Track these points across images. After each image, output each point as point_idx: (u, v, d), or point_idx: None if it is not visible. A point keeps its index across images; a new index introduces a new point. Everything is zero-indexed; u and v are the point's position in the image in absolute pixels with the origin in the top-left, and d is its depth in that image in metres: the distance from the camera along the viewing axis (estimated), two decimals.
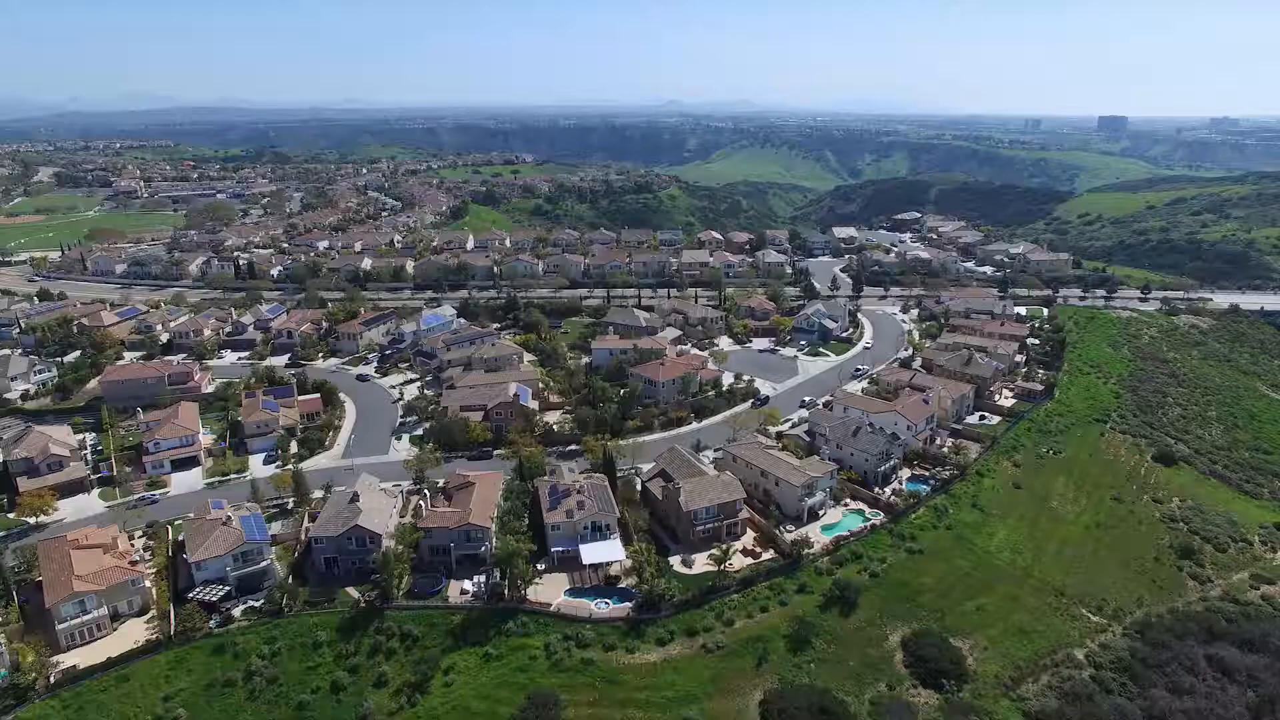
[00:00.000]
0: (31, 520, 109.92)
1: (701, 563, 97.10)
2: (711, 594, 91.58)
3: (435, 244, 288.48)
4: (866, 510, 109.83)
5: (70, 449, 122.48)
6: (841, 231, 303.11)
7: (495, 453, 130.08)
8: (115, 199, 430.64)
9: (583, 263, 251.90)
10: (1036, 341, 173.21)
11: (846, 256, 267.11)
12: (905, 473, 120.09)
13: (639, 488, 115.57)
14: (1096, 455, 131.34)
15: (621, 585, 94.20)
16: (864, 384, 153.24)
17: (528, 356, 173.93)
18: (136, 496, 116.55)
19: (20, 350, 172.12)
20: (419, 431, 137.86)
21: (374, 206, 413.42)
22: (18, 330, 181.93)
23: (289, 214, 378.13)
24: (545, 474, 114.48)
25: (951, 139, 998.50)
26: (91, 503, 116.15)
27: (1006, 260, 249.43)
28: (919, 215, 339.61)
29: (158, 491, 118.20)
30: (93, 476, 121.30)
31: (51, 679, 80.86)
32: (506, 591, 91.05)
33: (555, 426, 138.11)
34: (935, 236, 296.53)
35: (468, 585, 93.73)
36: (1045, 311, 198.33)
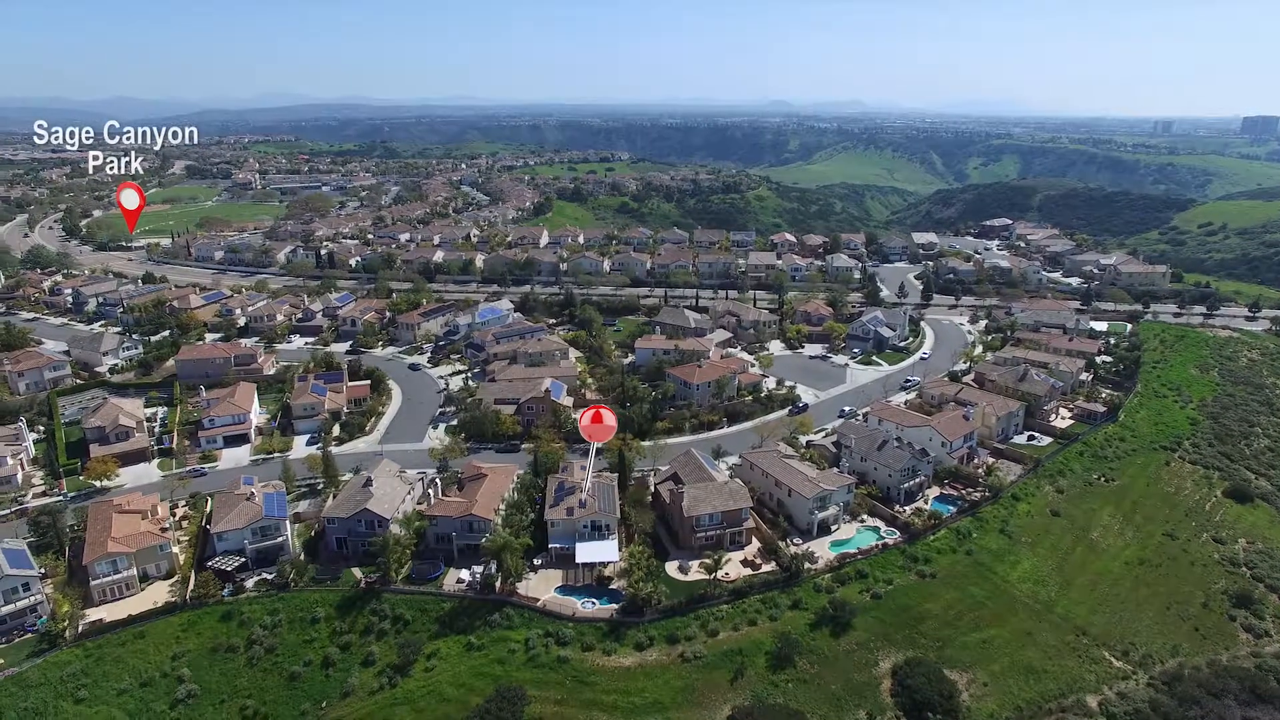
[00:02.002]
0: (97, 484, 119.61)
1: (698, 570, 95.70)
2: (700, 602, 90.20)
3: (509, 239, 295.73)
4: (883, 528, 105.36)
5: (137, 421, 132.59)
6: (921, 237, 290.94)
7: (523, 446, 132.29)
8: (232, 190, 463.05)
9: (648, 261, 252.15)
10: (1109, 359, 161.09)
11: (923, 263, 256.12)
12: (934, 491, 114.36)
13: (652, 490, 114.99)
14: (1155, 486, 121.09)
15: (613, 586, 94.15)
16: (910, 396, 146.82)
17: (574, 353, 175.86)
18: (188, 469, 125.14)
19: (120, 328, 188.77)
20: (454, 422, 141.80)
21: (463, 201, 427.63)
22: (121, 310, 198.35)
23: (381, 207, 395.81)
24: (560, 470, 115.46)
25: (1068, 142, 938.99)
26: (150, 471, 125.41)
27: (1095, 271, 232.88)
28: (1009, 222, 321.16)
29: (207, 465, 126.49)
30: (154, 447, 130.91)
31: (79, 629, 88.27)
32: (498, 584, 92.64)
33: None
34: (1023, 244, 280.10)
35: (464, 575, 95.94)
36: (1128, 327, 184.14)
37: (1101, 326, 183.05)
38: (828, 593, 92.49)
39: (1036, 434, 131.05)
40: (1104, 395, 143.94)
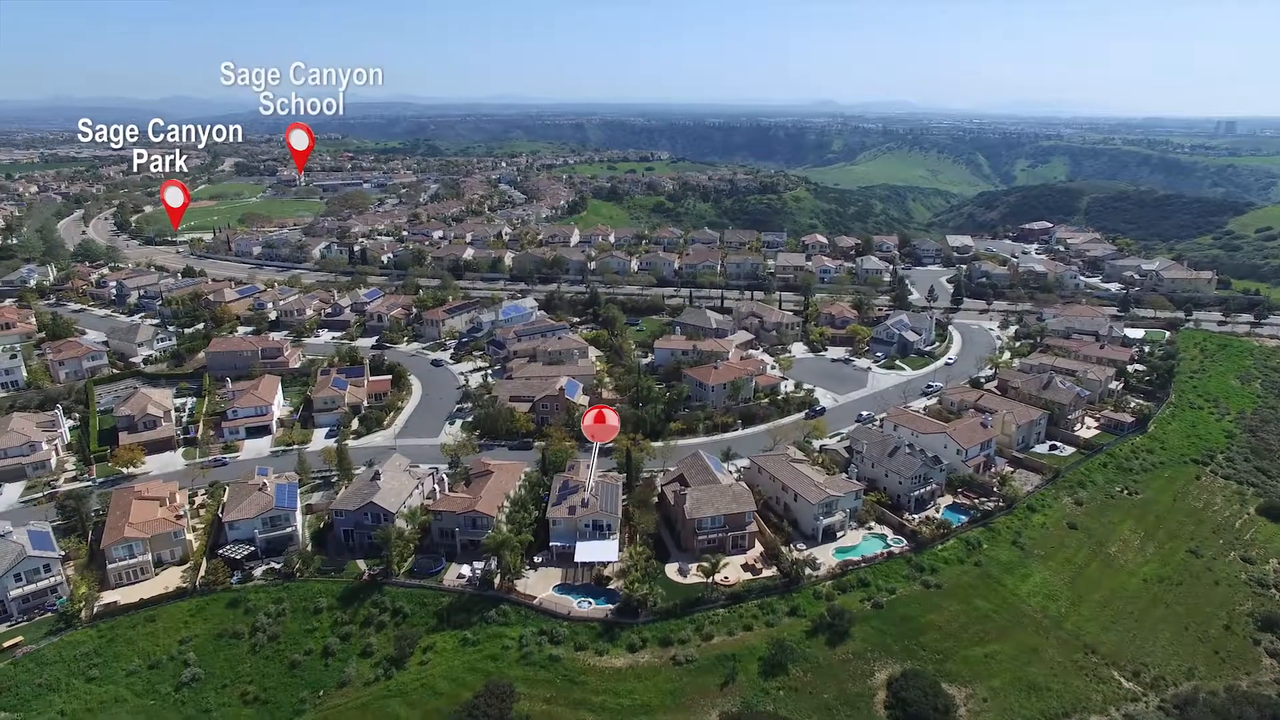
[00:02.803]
0: (124, 471, 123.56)
1: (696, 572, 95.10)
2: (696, 605, 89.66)
3: (540, 237, 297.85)
4: (890, 536, 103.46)
5: (165, 410, 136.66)
6: (955, 240, 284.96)
7: (536, 444, 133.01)
8: (276, 187, 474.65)
9: (676, 261, 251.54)
10: (1142, 368, 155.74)
11: (957, 266, 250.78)
12: (947, 500, 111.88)
13: (659, 491, 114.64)
14: (1182, 501, 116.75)
15: (611, 586, 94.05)
16: (930, 402, 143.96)
17: (594, 352, 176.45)
18: (210, 459, 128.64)
19: (157, 320, 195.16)
20: (470, 418, 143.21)
21: (499, 199, 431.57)
22: (160, 302, 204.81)
23: (418, 204, 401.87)
24: (567, 469, 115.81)
25: (1121, 144, 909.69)
26: (175, 460, 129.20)
27: (1136, 277, 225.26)
28: (1049, 225, 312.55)
29: (228, 455, 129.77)
30: (180, 436, 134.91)
31: (95, 610, 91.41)
32: (496, 580, 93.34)
33: None
34: (1063, 249, 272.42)
35: (465, 570, 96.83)
36: (1166, 335, 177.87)
37: (1138, 334, 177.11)
38: (828, 600, 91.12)
39: (1059, 444, 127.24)
40: (1133, 405, 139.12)
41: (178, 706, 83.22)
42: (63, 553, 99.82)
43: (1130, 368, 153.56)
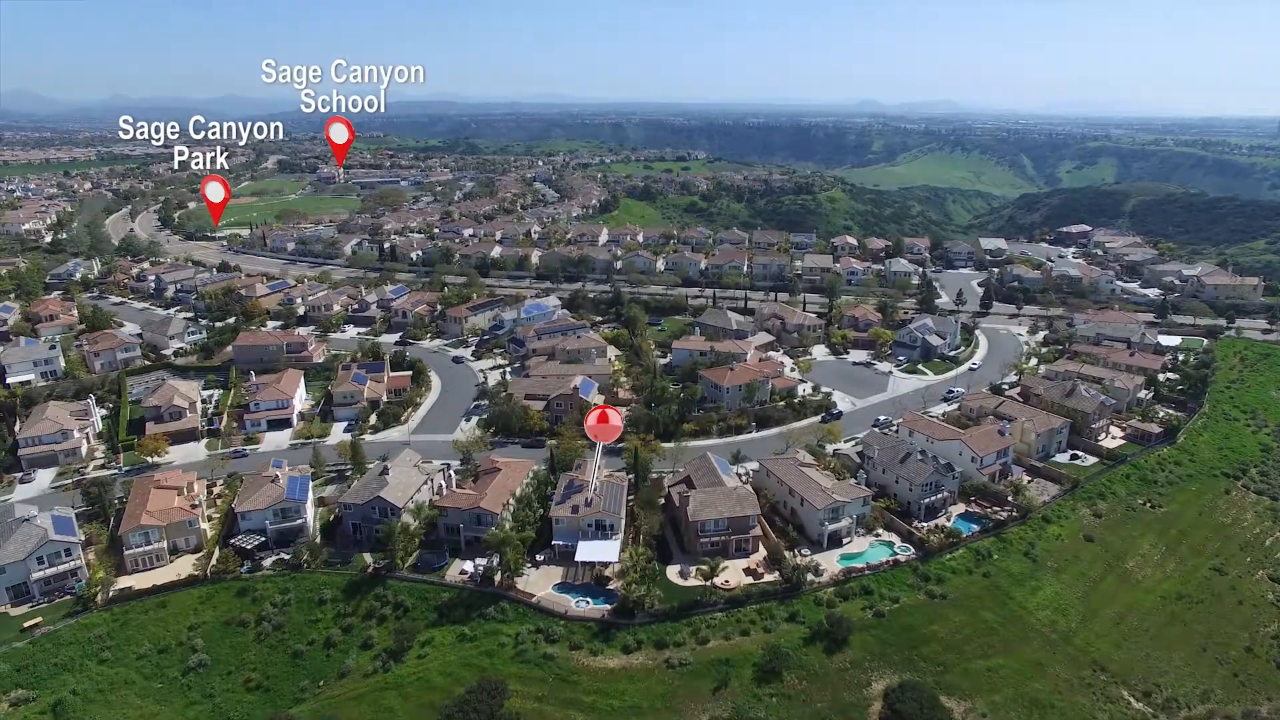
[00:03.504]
0: (149, 460, 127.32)
1: (696, 575, 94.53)
2: (694, 608, 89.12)
3: (569, 236, 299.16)
4: (898, 544, 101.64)
5: (190, 402, 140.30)
6: (989, 242, 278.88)
7: (549, 443, 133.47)
8: (316, 184, 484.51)
9: (702, 261, 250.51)
10: (1174, 376, 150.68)
11: (989, 270, 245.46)
12: (959, 508, 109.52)
13: (666, 492, 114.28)
14: (1209, 516, 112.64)
15: (611, 587, 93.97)
16: (950, 407, 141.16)
17: (613, 351, 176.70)
18: (231, 450, 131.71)
19: (191, 313, 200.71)
20: (485, 415, 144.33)
21: (532, 197, 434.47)
22: (194, 296, 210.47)
23: (451, 202, 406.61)
24: (575, 468, 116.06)
25: (1173, 144, 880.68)
26: (198, 450, 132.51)
27: (1177, 282, 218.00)
28: (1088, 229, 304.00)
29: (249, 447, 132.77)
30: (204, 428, 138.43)
31: (110, 594, 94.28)
32: (497, 577, 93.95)
33: None
34: (1100, 252, 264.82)
35: (468, 566, 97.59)
36: (1204, 343, 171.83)
37: (1173, 341, 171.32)
38: (829, 607, 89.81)
39: (1081, 453, 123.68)
40: (1161, 415, 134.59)
41: (183, 691, 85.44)
42: (84, 538, 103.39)
43: (1162, 376, 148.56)
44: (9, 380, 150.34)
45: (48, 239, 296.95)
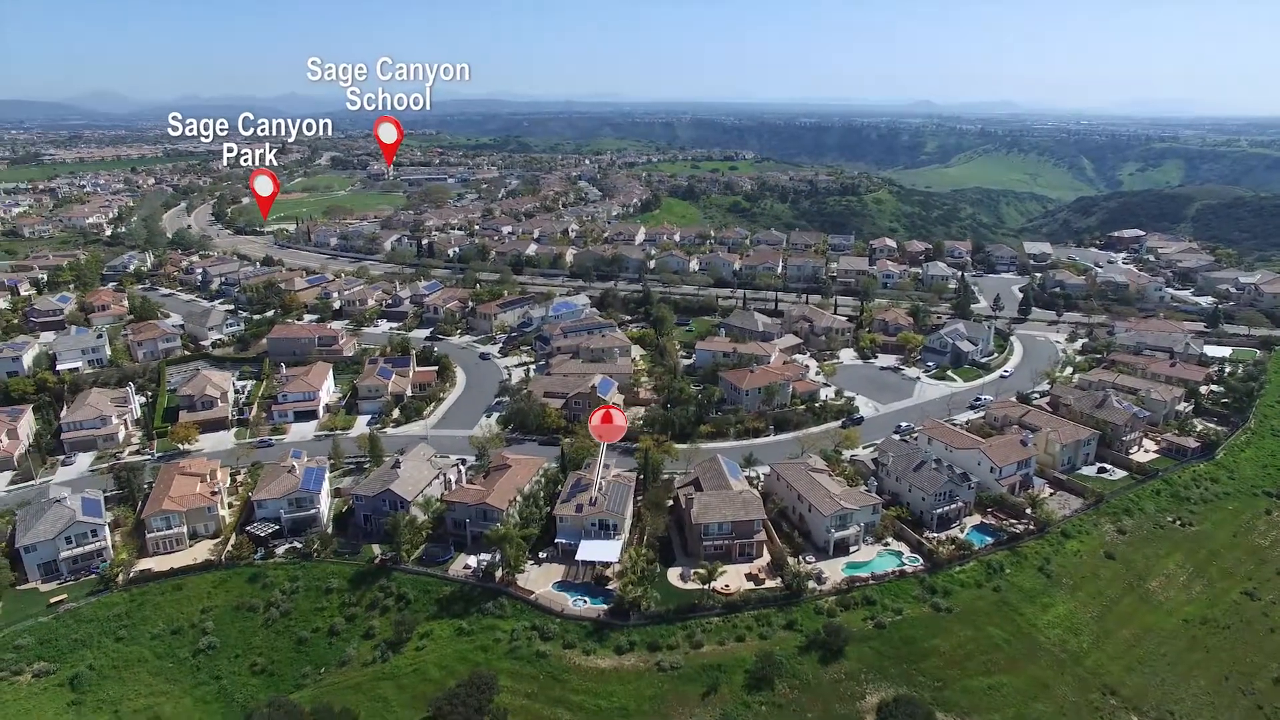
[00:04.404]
0: (180, 447, 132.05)
1: (694, 579, 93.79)
2: (691, 612, 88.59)
3: (606, 234, 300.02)
4: (906, 554, 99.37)
5: (221, 392, 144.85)
6: (1033, 247, 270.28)
7: (564, 441, 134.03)
8: (365, 180, 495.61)
9: (736, 262, 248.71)
10: (1218, 389, 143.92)
11: (1031, 274, 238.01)
12: (974, 519, 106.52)
13: (674, 494, 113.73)
14: (1245, 537, 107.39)
15: (610, 587, 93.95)
16: (975, 415, 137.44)
17: (638, 351, 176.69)
18: (257, 440, 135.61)
19: (232, 305, 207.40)
20: (505, 412, 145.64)
21: (574, 196, 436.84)
22: (237, 289, 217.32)
23: (494, 199, 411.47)
24: (584, 467, 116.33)
25: (1247, 145, 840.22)
26: (226, 439, 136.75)
27: (1232, 290, 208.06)
28: (1140, 233, 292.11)
29: (274, 437, 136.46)
30: (234, 417, 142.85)
31: (130, 575, 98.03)
32: (498, 573, 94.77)
33: (630, 422, 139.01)
34: (1152, 258, 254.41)
35: (471, 561, 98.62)
36: (1256, 354, 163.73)
37: (1222, 352, 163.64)
38: (828, 616, 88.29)
39: (1109, 466, 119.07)
40: (1200, 429, 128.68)
41: (192, 671, 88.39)
42: (113, 519, 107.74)
43: (1204, 388, 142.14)
44: (59, 367, 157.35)
45: (108, 232, 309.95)
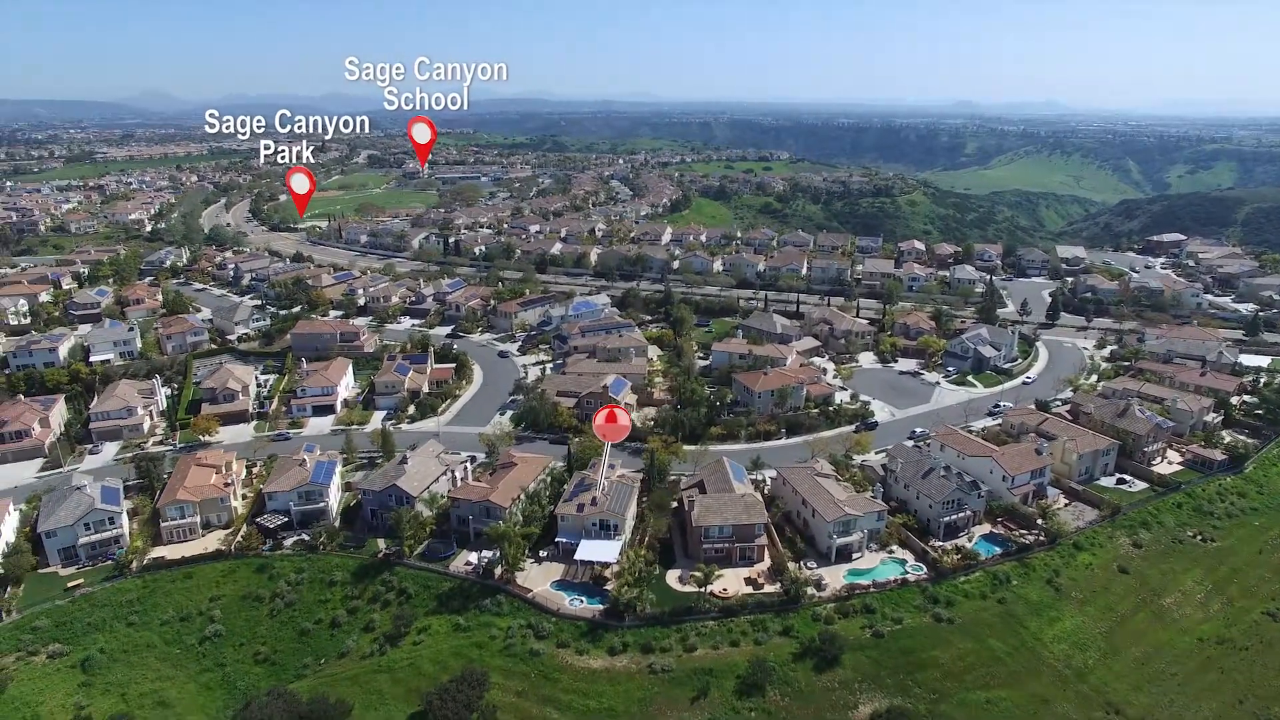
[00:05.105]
0: (201, 438, 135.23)
1: (690, 581, 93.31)
2: (686, 615, 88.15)
3: (632, 234, 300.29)
4: (911, 562, 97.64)
5: (243, 385, 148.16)
6: (1066, 250, 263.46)
7: (574, 440, 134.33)
8: (400, 179, 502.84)
9: (760, 263, 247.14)
10: (1251, 399, 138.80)
11: (1064, 279, 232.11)
12: (983, 528, 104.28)
13: (679, 495, 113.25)
14: (1270, 554, 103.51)
15: (608, 587, 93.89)
16: (992, 422, 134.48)
17: (655, 351, 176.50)
18: (275, 433, 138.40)
19: (260, 301, 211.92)
20: (518, 410, 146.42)
21: (605, 195, 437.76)
22: (265, 284, 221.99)
23: (525, 198, 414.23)
24: (590, 467, 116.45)
25: None
26: (246, 432, 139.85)
27: (1276, 297, 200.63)
28: (1181, 238, 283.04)
29: (292, 431, 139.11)
30: (254, 410, 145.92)
31: (144, 562, 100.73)
32: (498, 570, 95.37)
33: (641, 423, 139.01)
34: (1193, 263, 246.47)
35: (473, 557, 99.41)
36: None
37: (1260, 361, 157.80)
38: (826, 623, 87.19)
39: (1129, 477, 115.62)
40: (1228, 441, 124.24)
41: (198, 658, 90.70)
42: (131, 507, 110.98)
43: (1236, 399, 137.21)
44: (92, 359, 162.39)
45: (149, 228, 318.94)
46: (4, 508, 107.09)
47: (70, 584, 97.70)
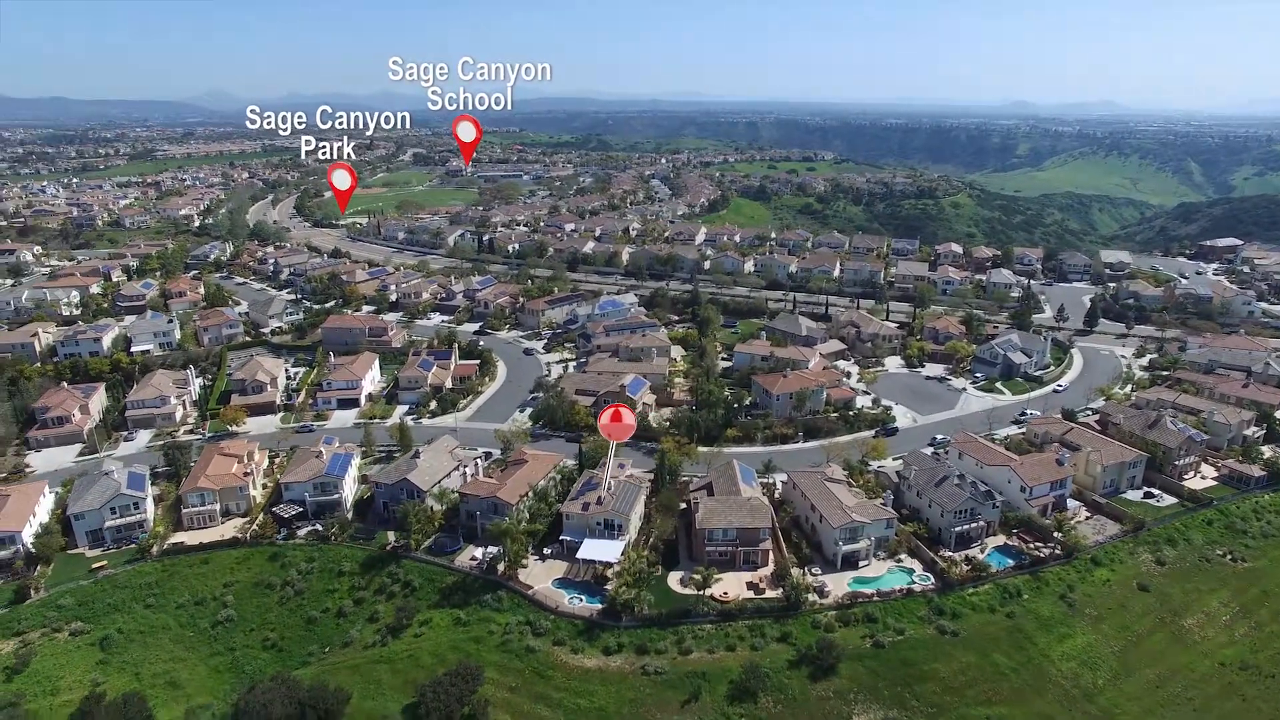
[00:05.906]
0: (229, 428, 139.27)
1: (689, 584, 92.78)
2: (684, 617, 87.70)
3: (666, 234, 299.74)
4: (918, 572, 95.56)
5: (272, 378, 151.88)
6: (1110, 255, 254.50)
7: (591, 439, 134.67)
8: (443, 176, 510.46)
9: (792, 265, 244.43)
10: None
11: (1104, 285, 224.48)
12: (998, 539, 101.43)
13: (688, 497, 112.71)
14: None
15: (608, 587, 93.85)
16: (1017, 431, 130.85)
17: (679, 351, 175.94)
18: (300, 425, 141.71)
19: (296, 295, 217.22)
20: (536, 408, 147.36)
21: (644, 194, 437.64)
22: (302, 279, 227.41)
23: (564, 196, 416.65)
24: (599, 466, 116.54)
25: None
26: (272, 423, 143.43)
27: None
28: (1236, 243, 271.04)
29: (316, 423, 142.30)
30: (282, 402, 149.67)
31: (165, 547, 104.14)
32: (500, 566, 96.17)
33: (656, 423, 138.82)
34: (1247, 269, 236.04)
35: (478, 553, 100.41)
36: None
37: None
38: (826, 631, 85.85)
39: (1157, 491, 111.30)
40: (1266, 456, 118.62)
41: (210, 641, 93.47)
42: (158, 493, 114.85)
43: (1279, 413, 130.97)
44: (132, 349, 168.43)
45: (197, 223, 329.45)
46: (40, 490, 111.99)
47: (95, 565, 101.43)
